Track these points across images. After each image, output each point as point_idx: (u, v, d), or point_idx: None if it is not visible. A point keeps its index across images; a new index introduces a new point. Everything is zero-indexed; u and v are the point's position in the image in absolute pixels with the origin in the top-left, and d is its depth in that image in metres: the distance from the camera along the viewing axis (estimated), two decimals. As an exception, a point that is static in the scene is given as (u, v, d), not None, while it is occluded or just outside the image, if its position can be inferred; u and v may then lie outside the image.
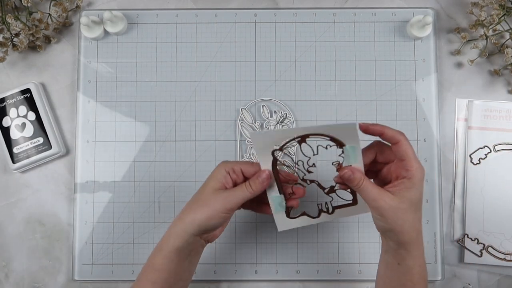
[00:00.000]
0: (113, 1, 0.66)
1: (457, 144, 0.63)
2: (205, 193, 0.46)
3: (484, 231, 0.61)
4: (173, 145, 0.63)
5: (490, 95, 0.64)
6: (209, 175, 0.47)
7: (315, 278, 0.61)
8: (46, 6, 0.64)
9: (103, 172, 0.62)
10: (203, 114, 0.63)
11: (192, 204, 0.46)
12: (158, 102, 0.64)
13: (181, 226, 0.46)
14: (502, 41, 0.63)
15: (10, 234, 0.63)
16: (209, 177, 0.47)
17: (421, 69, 0.64)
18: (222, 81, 0.64)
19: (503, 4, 0.60)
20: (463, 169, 0.63)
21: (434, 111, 0.63)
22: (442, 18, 0.66)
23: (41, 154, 0.62)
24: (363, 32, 0.64)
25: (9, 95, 0.62)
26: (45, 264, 0.62)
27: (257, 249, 0.61)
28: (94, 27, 0.62)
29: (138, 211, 0.62)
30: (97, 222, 0.62)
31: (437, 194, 0.62)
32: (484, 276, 0.61)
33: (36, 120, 0.62)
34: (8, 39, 0.62)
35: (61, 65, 0.65)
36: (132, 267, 0.61)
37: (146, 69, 0.64)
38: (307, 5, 0.66)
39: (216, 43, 0.64)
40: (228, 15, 0.65)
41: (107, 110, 0.63)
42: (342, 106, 0.63)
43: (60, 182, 0.63)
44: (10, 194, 0.63)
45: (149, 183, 0.62)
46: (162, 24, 0.65)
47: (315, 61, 0.64)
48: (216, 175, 0.47)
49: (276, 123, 0.62)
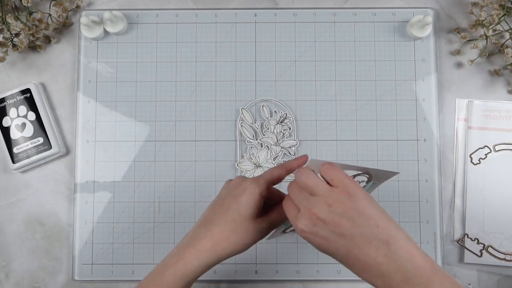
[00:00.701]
0: (113, 1, 0.66)
1: (457, 144, 0.63)
2: (241, 221, 0.41)
3: (484, 231, 0.61)
4: (173, 145, 0.63)
5: (490, 95, 0.64)
6: (238, 195, 0.41)
7: (315, 278, 0.61)
8: (46, 6, 0.64)
9: (103, 172, 0.62)
10: (203, 114, 0.63)
11: (226, 232, 0.40)
12: (158, 102, 0.64)
13: (205, 258, 0.40)
14: (502, 41, 0.63)
15: (10, 234, 0.63)
16: (240, 199, 0.41)
17: (421, 69, 0.64)
18: (222, 81, 0.64)
19: (503, 4, 0.60)
20: (463, 169, 0.63)
21: (434, 111, 0.63)
22: (442, 18, 0.66)
23: (41, 154, 0.62)
24: (363, 32, 0.64)
25: (9, 95, 0.62)
26: (45, 264, 0.62)
27: (257, 249, 0.61)
28: (94, 27, 0.62)
29: (138, 211, 0.62)
30: (97, 222, 0.62)
31: (437, 194, 0.62)
32: (484, 276, 0.61)
33: (36, 120, 0.62)
34: (8, 39, 0.62)
35: (61, 65, 0.65)
36: (132, 267, 0.61)
37: (146, 69, 0.64)
38: (307, 5, 0.66)
39: (216, 43, 0.64)
40: (228, 15, 0.65)
41: (107, 110, 0.63)
42: (342, 106, 0.63)
43: (60, 182, 0.63)
44: (10, 194, 0.63)
45: (149, 183, 0.62)
46: (162, 24, 0.65)
47: (315, 61, 0.64)
48: (250, 200, 0.41)
49: (276, 123, 0.62)
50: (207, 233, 0.42)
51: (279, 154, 0.62)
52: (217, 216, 0.42)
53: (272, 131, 0.62)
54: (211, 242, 0.41)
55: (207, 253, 0.41)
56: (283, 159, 0.62)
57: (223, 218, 0.42)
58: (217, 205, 0.44)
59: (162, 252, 0.61)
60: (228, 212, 0.42)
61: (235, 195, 0.42)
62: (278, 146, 0.62)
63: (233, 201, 0.42)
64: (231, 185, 0.44)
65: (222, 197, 0.44)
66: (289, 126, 0.62)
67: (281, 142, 0.62)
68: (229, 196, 0.43)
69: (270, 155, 0.62)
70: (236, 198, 0.42)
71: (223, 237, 0.41)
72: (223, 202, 0.43)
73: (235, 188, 0.43)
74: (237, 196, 0.42)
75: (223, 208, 0.42)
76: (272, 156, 0.62)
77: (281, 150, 0.62)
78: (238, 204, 0.41)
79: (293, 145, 0.62)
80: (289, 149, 0.62)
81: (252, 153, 0.62)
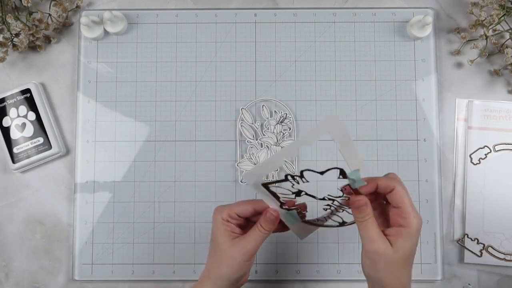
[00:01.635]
0: (113, 1, 0.66)
1: (457, 144, 0.63)
2: (220, 248, 0.44)
3: (484, 231, 0.61)
4: (173, 145, 0.63)
5: (490, 95, 0.64)
6: (212, 230, 0.45)
7: (315, 278, 0.61)
8: (46, 6, 0.64)
9: (103, 172, 0.62)
10: (203, 114, 0.63)
11: (214, 261, 0.45)
12: (158, 102, 0.64)
13: (211, 284, 0.44)
14: (502, 41, 0.63)
15: (10, 234, 0.63)
16: (213, 232, 0.45)
17: (421, 69, 0.64)
18: (222, 81, 0.64)
19: (503, 4, 0.60)
20: (463, 169, 0.63)
21: (434, 111, 0.63)
22: (442, 18, 0.66)
23: (41, 154, 0.62)
24: (363, 32, 0.64)
25: (9, 95, 0.62)
26: (45, 264, 0.62)
27: (257, 249, 0.61)
28: (94, 27, 0.62)
29: (138, 211, 0.62)
30: (97, 222, 0.62)
31: (437, 194, 0.62)
32: (484, 276, 0.61)
33: (36, 120, 0.62)
34: (8, 39, 0.62)
35: (61, 65, 0.65)
36: (132, 267, 0.61)
37: (146, 69, 0.64)
38: (307, 5, 0.66)
39: (216, 43, 0.64)
40: (228, 15, 0.65)
41: (107, 110, 0.63)
42: (342, 106, 0.63)
43: (60, 182, 0.63)
44: (10, 194, 0.63)
45: (149, 183, 0.62)
46: (162, 24, 0.65)
47: (315, 61, 0.64)
48: (217, 230, 0.44)
49: (276, 123, 0.62)
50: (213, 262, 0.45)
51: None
52: (214, 249, 0.45)
53: (272, 131, 0.62)
54: (217, 270, 0.44)
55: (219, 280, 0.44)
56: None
57: (215, 248, 0.45)
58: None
59: (162, 252, 0.61)
60: (215, 244, 0.45)
61: (212, 228, 0.46)
62: (278, 146, 0.62)
63: (213, 233, 0.46)
64: None
65: None
66: (289, 126, 0.62)
67: (281, 142, 0.62)
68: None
69: (270, 155, 0.62)
70: (212, 230, 0.46)
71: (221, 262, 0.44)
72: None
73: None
74: (212, 229, 0.46)
75: (212, 240, 0.46)
76: (272, 156, 0.62)
77: (281, 150, 0.62)
78: (215, 235, 0.45)
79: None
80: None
81: (252, 153, 0.62)
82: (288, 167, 0.62)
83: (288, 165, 0.62)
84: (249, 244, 0.43)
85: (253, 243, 0.43)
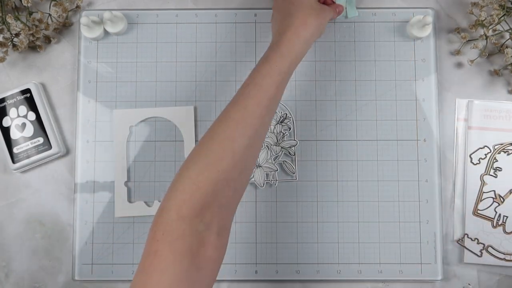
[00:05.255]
0: (113, 1, 0.66)
1: (457, 144, 0.63)
2: (310, 5, 0.52)
3: (484, 231, 0.61)
4: (173, 145, 0.63)
5: (490, 95, 0.64)
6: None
7: (315, 278, 0.61)
8: (46, 6, 0.64)
9: (103, 172, 0.62)
10: (203, 114, 0.63)
11: (304, 17, 0.51)
12: (158, 102, 0.64)
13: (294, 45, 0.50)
14: (502, 41, 0.63)
15: (10, 234, 0.63)
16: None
17: (421, 69, 0.64)
18: (222, 81, 0.64)
19: (503, 4, 0.60)
20: (463, 169, 0.63)
21: (434, 111, 0.63)
22: (442, 18, 0.66)
23: (41, 154, 0.62)
24: (363, 32, 0.64)
25: (9, 95, 0.62)
26: (45, 264, 0.62)
27: (257, 249, 0.61)
28: (94, 27, 0.62)
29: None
30: (97, 222, 0.62)
31: (437, 194, 0.62)
32: (484, 276, 0.62)
33: (36, 120, 0.62)
34: (8, 39, 0.62)
35: (61, 65, 0.65)
36: (132, 267, 0.61)
37: (146, 69, 0.64)
38: (307, 5, 0.66)
39: (216, 43, 0.64)
40: (228, 15, 0.65)
41: (107, 110, 0.63)
42: (342, 106, 0.63)
43: (60, 182, 0.63)
44: (10, 194, 0.63)
45: (149, 183, 0.62)
46: (162, 24, 0.65)
47: (315, 61, 0.64)
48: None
49: (276, 123, 0.62)
50: (290, 24, 0.51)
51: (279, 154, 0.62)
52: (290, 10, 0.52)
53: (272, 131, 0.62)
54: (294, 29, 0.50)
55: (295, 39, 0.50)
56: (283, 159, 0.62)
57: (297, 8, 0.52)
58: (286, 3, 0.53)
59: (162, 252, 0.61)
60: (297, 3, 0.52)
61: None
62: (278, 146, 0.62)
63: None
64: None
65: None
66: (289, 126, 0.62)
67: (281, 142, 0.62)
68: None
69: (270, 155, 0.62)
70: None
71: (302, 22, 0.51)
72: (286, 3, 0.53)
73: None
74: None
75: (293, 4, 0.52)
76: (272, 156, 0.62)
77: (281, 150, 0.62)
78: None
79: (293, 145, 0.62)
80: (289, 149, 0.62)
81: (252, 153, 0.62)
82: (288, 167, 0.62)
83: (288, 165, 0.62)
84: (329, 13, 0.55)
85: (330, 15, 0.56)
